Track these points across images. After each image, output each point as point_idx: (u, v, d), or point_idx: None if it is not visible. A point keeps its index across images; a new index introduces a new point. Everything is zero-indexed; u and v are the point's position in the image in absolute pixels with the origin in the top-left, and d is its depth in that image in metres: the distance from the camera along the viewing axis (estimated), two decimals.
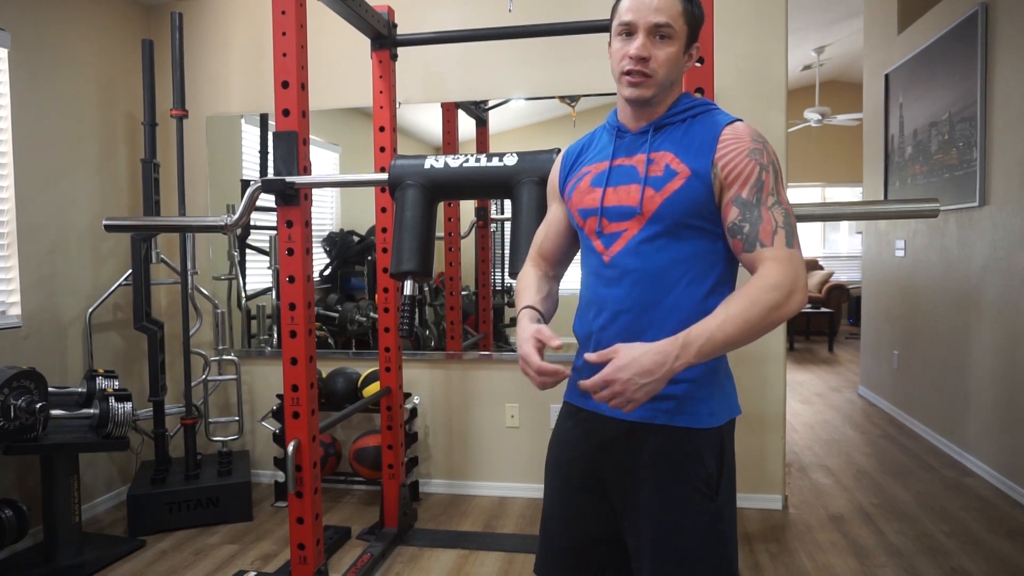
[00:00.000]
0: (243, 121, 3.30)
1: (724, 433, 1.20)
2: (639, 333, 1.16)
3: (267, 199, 2.08)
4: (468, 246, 3.20)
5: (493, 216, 3.22)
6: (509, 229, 1.89)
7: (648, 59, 1.14)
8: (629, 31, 1.16)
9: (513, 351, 3.16)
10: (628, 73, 1.16)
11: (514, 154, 1.93)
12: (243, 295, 3.31)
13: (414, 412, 3.05)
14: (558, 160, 1.39)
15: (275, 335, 3.33)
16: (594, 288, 1.25)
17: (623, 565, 1.27)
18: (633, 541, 1.21)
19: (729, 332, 1.05)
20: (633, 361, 1.04)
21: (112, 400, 2.46)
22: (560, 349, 1.16)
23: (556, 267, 1.42)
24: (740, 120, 1.19)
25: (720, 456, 1.18)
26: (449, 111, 3.14)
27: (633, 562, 1.22)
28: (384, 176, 2.07)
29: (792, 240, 1.11)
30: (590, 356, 1.10)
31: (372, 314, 3.26)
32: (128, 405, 2.48)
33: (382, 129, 2.54)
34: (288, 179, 1.97)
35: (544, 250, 1.41)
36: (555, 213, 1.40)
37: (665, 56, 1.15)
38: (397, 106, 2.67)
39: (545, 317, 1.32)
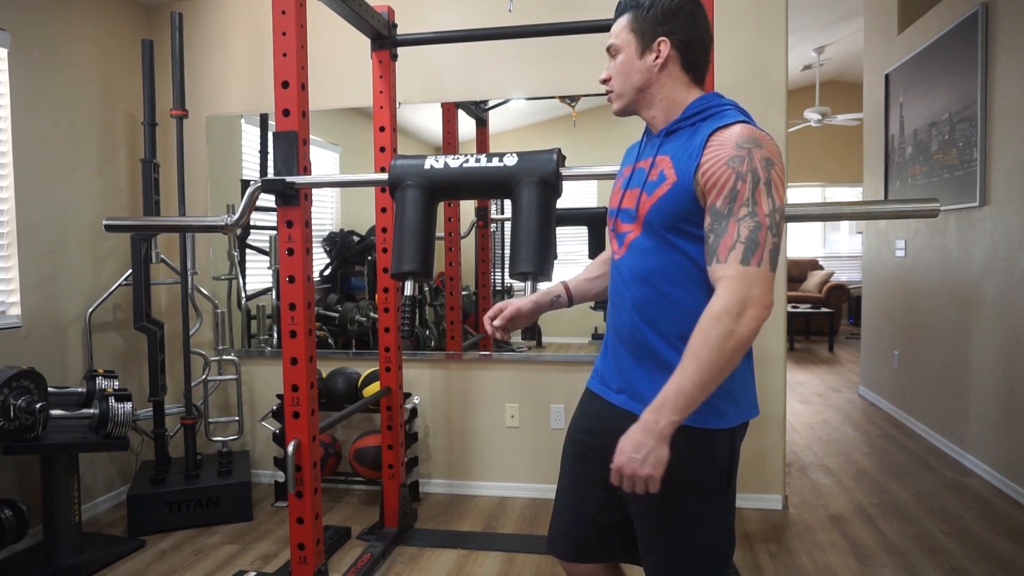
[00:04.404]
0: (243, 121, 3.30)
1: (736, 434, 1.24)
2: (643, 330, 1.23)
3: (267, 199, 2.07)
4: (468, 246, 3.20)
5: (493, 216, 3.22)
6: (509, 229, 1.89)
7: (607, 79, 1.30)
8: None
9: (513, 351, 3.16)
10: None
11: (514, 154, 1.93)
12: (243, 295, 3.31)
13: (414, 412, 3.05)
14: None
15: (275, 335, 3.33)
16: (611, 285, 1.34)
17: (626, 548, 1.35)
18: (640, 528, 1.27)
19: (694, 377, 1.06)
20: (625, 443, 1.09)
21: (112, 400, 2.46)
22: (502, 336, 1.43)
23: None
24: (740, 123, 1.15)
25: (730, 454, 1.22)
26: (449, 111, 3.14)
27: (641, 546, 1.28)
28: (384, 176, 2.07)
29: (750, 257, 1.08)
30: (613, 477, 1.13)
31: (372, 314, 3.26)
32: (128, 405, 2.48)
33: (382, 129, 2.54)
34: (288, 179, 1.97)
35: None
36: None
37: (615, 70, 1.28)
38: (397, 106, 2.67)
39: (574, 295, 1.51)
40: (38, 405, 2.23)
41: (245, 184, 3.31)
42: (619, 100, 1.29)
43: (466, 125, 3.18)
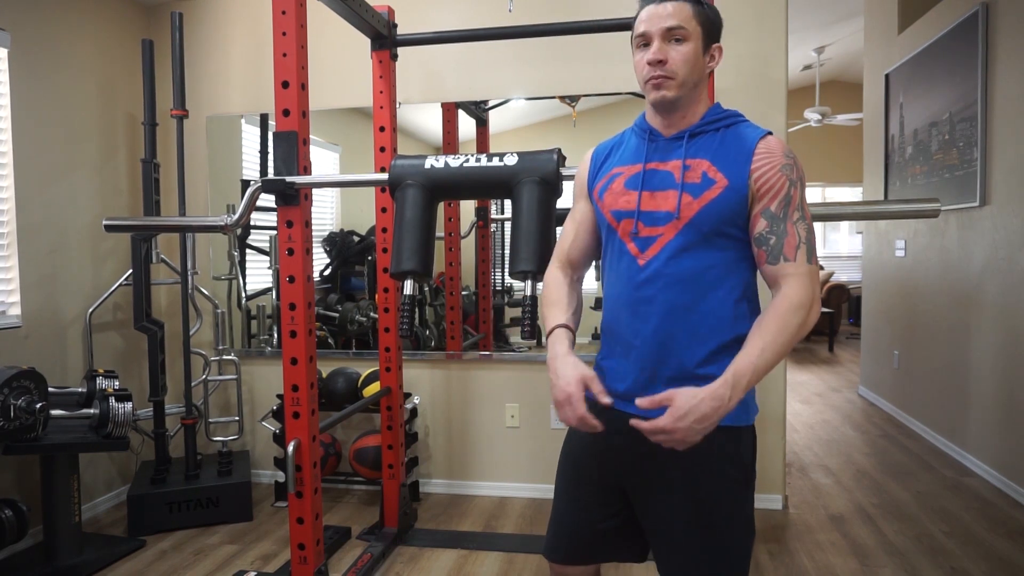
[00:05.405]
0: (243, 121, 3.30)
1: (754, 428, 1.29)
2: (674, 336, 1.21)
3: (267, 199, 2.07)
4: (468, 246, 3.20)
5: (493, 216, 3.22)
6: (509, 229, 1.89)
7: (665, 61, 1.20)
8: (646, 41, 1.22)
9: (513, 351, 3.16)
10: (650, 79, 1.22)
11: (514, 154, 1.93)
12: (243, 295, 3.31)
13: (414, 412, 3.05)
14: (586, 159, 1.41)
15: (275, 335, 3.33)
16: (625, 289, 1.26)
17: (624, 555, 1.37)
18: (665, 528, 1.26)
19: (768, 358, 1.12)
20: (692, 410, 1.08)
21: (112, 400, 2.46)
22: (609, 406, 1.22)
23: (580, 268, 1.44)
24: (771, 133, 1.24)
25: (753, 449, 1.28)
26: (449, 111, 3.14)
27: (663, 546, 1.28)
28: (384, 176, 2.07)
29: (812, 256, 1.18)
30: (642, 402, 1.13)
31: (372, 314, 3.25)
32: (128, 405, 2.48)
33: (382, 129, 2.54)
34: (288, 179, 1.97)
35: (572, 250, 1.42)
36: (583, 212, 1.40)
37: (681, 56, 1.20)
38: (397, 106, 2.67)
39: (575, 334, 1.35)
40: (38, 405, 2.23)
41: (245, 184, 3.31)
42: (677, 87, 1.21)
43: (466, 125, 3.18)
